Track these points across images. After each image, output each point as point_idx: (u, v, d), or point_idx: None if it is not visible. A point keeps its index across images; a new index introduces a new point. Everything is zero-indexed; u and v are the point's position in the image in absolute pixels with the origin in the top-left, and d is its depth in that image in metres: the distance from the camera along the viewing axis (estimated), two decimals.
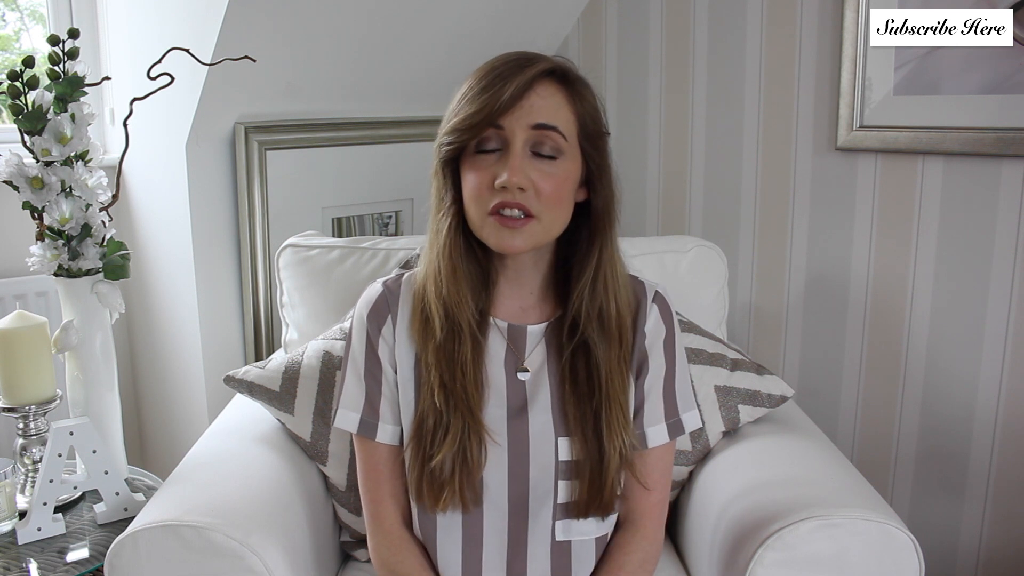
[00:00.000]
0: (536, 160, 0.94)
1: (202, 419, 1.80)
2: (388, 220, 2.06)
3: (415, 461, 0.99)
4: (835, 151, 1.78)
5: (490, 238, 0.95)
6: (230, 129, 1.75)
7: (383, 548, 1.03)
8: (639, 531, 1.04)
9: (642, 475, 1.03)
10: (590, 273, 0.98)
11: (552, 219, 0.95)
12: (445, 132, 0.96)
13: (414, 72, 1.95)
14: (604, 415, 0.98)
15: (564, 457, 1.00)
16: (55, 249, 1.30)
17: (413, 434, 1.00)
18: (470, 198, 0.95)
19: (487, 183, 0.93)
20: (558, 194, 0.94)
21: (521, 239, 0.94)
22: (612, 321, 0.99)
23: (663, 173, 2.07)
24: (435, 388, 0.97)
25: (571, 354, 1.00)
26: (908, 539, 1.00)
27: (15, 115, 1.27)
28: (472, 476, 0.97)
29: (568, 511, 1.00)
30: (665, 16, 2.00)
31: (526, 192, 0.92)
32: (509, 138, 0.93)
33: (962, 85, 1.59)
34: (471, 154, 0.95)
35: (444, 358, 0.98)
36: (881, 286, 1.77)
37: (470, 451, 0.96)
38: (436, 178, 0.99)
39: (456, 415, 0.96)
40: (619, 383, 0.99)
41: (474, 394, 0.98)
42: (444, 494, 0.97)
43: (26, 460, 1.34)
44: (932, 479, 1.76)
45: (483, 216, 0.94)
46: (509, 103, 0.92)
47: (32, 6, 1.96)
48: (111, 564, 0.97)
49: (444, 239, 0.98)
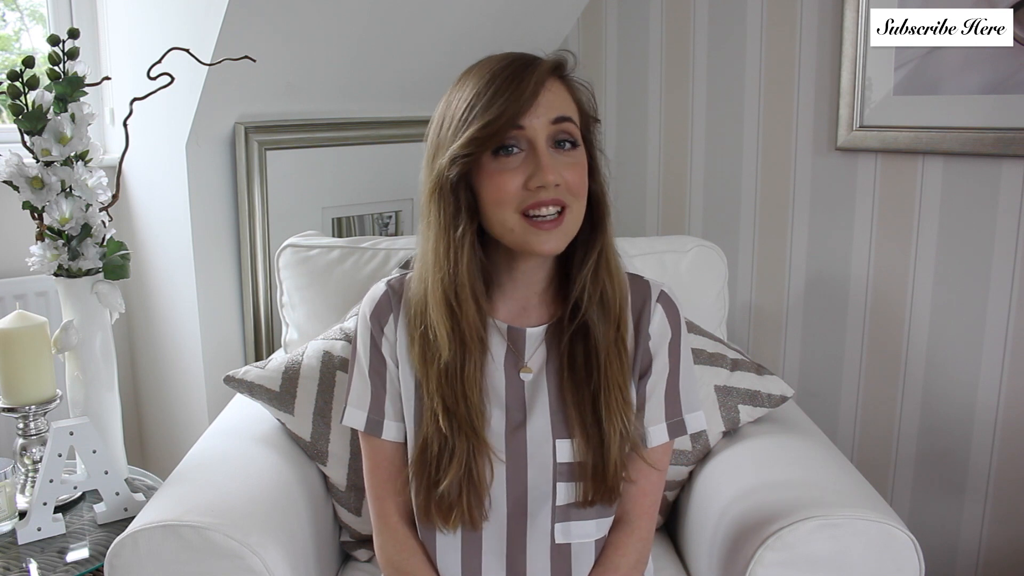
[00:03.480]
0: (558, 154, 0.93)
1: (202, 419, 1.80)
2: (388, 220, 2.06)
3: (420, 486, 0.99)
4: (835, 151, 1.78)
5: (523, 242, 0.93)
6: (230, 129, 1.75)
7: (389, 546, 1.04)
8: (634, 532, 1.04)
9: (638, 473, 1.03)
10: (593, 258, 0.98)
11: (579, 209, 0.95)
12: (460, 144, 0.92)
13: (414, 72, 1.95)
14: (603, 397, 0.98)
15: (563, 459, 1.00)
16: (55, 249, 1.30)
17: (417, 459, 1.00)
18: (495, 204, 0.93)
19: (517, 185, 0.91)
20: (583, 183, 0.95)
21: (555, 240, 0.93)
22: (613, 303, 0.99)
23: (663, 173, 2.06)
24: (439, 414, 0.97)
25: (570, 337, 0.99)
26: (908, 539, 1.00)
27: (15, 115, 1.27)
28: (480, 495, 0.98)
29: (568, 513, 1.00)
30: (665, 16, 2.00)
31: (560, 187, 0.92)
32: (531, 137, 0.92)
33: (962, 85, 1.59)
34: (486, 160, 0.93)
35: (447, 381, 0.97)
36: (881, 286, 1.77)
37: (476, 471, 0.97)
38: (441, 195, 0.94)
39: (460, 437, 0.96)
40: (617, 366, 0.99)
41: (477, 413, 0.98)
42: (453, 515, 0.97)
43: (26, 460, 1.34)
44: (932, 479, 1.76)
45: (513, 219, 0.92)
46: (528, 102, 0.91)
47: (32, 6, 1.96)
48: (111, 564, 0.97)
49: (464, 258, 0.94)
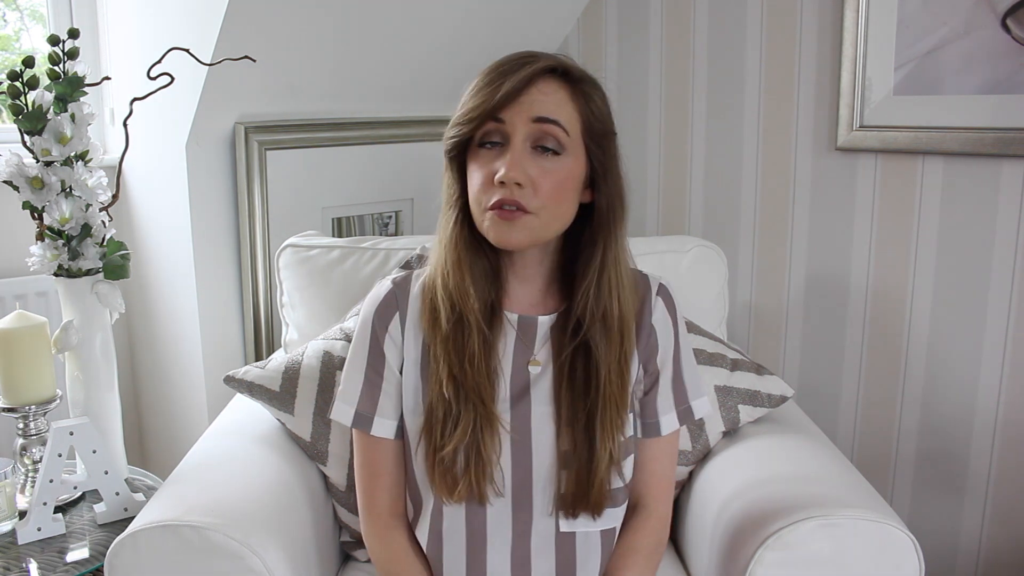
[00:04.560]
0: (538, 156, 0.94)
1: (202, 419, 1.80)
2: (388, 220, 2.06)
3: (427, 451, 0.99)
4: (835, 151, 1.78)
5: (489, 232, 0.95)
6: (230, 129, 1.75)
7: (375, 540, 1.05)
8: (652, 515, 1.07)
9: (652, 460, 1.07)
10: (594, 274, 0.98)
11: (551, 216, 0.95)
12: (449, 125, 0.98)
13: (414, 72, 1.95)
14: (599, 416, 0.98)
15: (565, 447, 1.00)
16: (55, 249, 1.30)
17: (424, 424, 1.00)
18: (473, 193, 0.96)
19: (488, 177, 0.94)
20: (557, 191, 0.94)
21: (517, 233, 0.94)
22: (615, 322, 0.99)
23: (663, 173, 2.06)
24: (444, 379, 0.98)
25: (571, 354, 1.00)
26: (908, 539, 1.00)
27: (15, 115, 1.27)
28: (487, 467, 0.97)
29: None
30: (665, 16, 2.00)
31: (524, 188, 0.93)
32: (510, 132, 0.94)
33: (962, 85, 1.59)
34: (475, 148, 0.97)
35: (452, 349, 0.98)
36: (881, 286, 1.77)
37: (483, 442, 0.97)
38: (446, 173, 1.01)
39: (467, 406, 0.97)
40: (617, 384, 0.99)
41: (486, 385, 0.98)
42: (459, 487, 0.97)
43: (26, 460, 1.34)
44: (932, 479, 1.76)
45: (483, 211, 0.95)
46: (509, 97, 0.92)
47: (32, 6, 1.96)
48: (111, 564, 0.97)
49: (450, 232, 1.00)
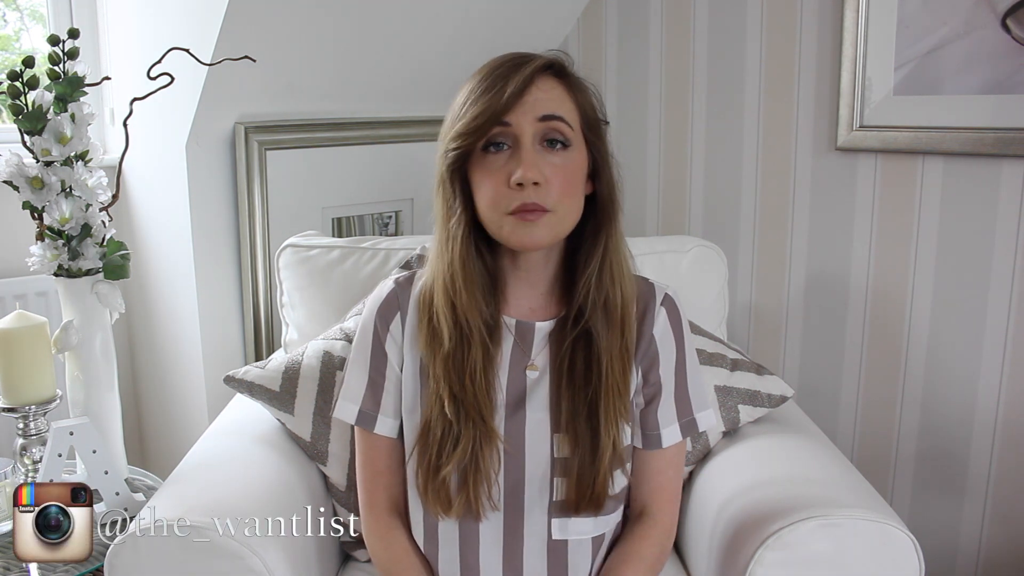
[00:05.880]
0: (547, 153, 0.94)
1: (202, 419, 1.80)
2: (388, 220, 2.06)
3: (420, 469, 0.99)
4: (835, 151, 1.78)
5: (511, 237, 0.94)
6: (230, 129, 1.75)
7: (373, 532, 1.05)
8: (657, 524, 1.05)
9: (658, 473, 1.05)
10: (596, 262, 0.98)
11: (567, 210, 0.95)
12: (451, 138, 0.96)
13: (414, 72, 1.95)
14: (601, 404, 0.98)
15: (561, 454, 1.00)
16: (55, 249, 1.30)
17: (418, 442, 1.00)
18: (486, 200, 0.95)
19: (503, 182, 0.93)
20: (571, 185, 0.95)
21: (539, 232, 0.94)
22: (617, 310, 0.99)
23: (663, 173, 2.06)
24: (445, 399, 0.97)
25: (571, 344, 0.99)
26: (908, 539, 1.00)
27: (15, 115, 1.27)
28: (487, 483, 0.97)
29: (566, 509, 1.00)
30: (665, 16, 2.00)
31: (540, 187, 0.92)
32: (518, 133, 0.93)
33: (962, 85, 1.59)
34: (479, 156, 0.95)
35: (453, 368, 0.98)
36: (881, 286, 1.77)
37: (482, 459, 0.97)
38: (443, 186, 0.98)
39: (467, 424, 0.96)
40: (619, 372, 0.99)
41: (485, 400, 0.98)
42: (454, 505, 0.97)
43: (26, 460, 1.34)
44: (932, 479, 1.76)
45: (502, 217, 0.94)
46: (513, 99, 0.92)
47: (32, 6, 1.96)
48: (111, 564, 0.97)
49: (457, 247, 0.97)
